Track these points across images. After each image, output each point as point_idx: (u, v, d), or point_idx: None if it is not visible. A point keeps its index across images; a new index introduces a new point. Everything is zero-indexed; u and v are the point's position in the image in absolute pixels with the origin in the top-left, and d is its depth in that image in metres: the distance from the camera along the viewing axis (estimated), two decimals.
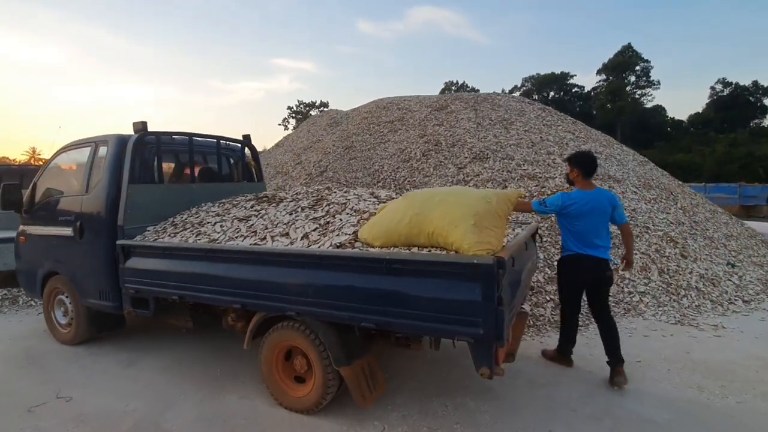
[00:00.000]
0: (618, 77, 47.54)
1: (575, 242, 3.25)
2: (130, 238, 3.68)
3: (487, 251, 2.13)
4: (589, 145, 8.15)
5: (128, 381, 3.49)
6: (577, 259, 3.27)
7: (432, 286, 2.22)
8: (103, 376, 3.62)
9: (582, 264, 3.27)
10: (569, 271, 3.39)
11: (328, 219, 3.06)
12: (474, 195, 2.29)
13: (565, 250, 3.38)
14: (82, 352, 4.11)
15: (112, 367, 3.78)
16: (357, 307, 2.45)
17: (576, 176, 3.28)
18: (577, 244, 3.24)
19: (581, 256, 3.23)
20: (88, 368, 3.76)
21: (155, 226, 3.86)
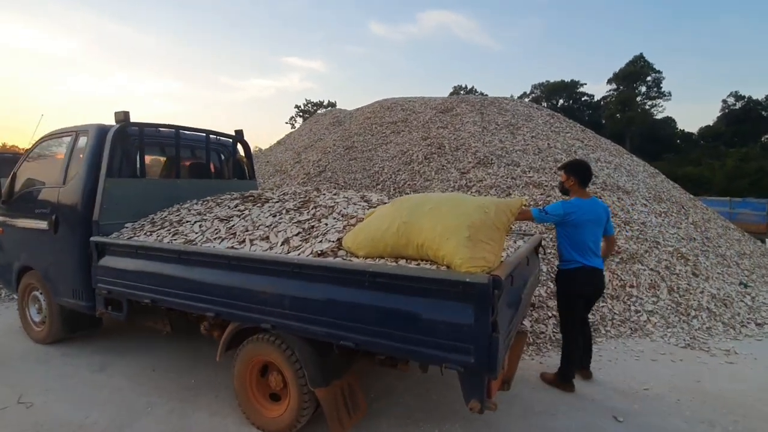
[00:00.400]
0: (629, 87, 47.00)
1: (576, 253, 3.12)
2: (106, 234, 3.45)
3: (481, 268, 1.87)
4: (598, 153, 7.87)
5: (95, 388, 3.26)
6: (580, 271, 3.14)
7: (419, 305, 1.97)
8: (71, 380, 3.39)
9: (585, 276, 3.15)
10: (573, 283, 3.21)
11: (313, 223, 2.82)
12: (470, 204, 2.03)
13: (567, 262, 3.20)
14: (54, 353, 3.88)
15: (81, 370, 3.56)
16: (336, 324, 2.20)
17: (572, 185, 3.16)
18: (579, 255, 3.12)
19: (585, 267, 3.12)
20: (57, 371, 3.54)
21: (134, 223, 3.63)
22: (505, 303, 2.04)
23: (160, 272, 2.94)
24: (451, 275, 1.88)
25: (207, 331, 2.93)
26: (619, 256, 5.54)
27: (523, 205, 2.15)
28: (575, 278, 3.17)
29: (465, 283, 1.84)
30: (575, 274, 3.16)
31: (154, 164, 4.40)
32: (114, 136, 3.56)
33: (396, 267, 2.05)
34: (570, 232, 3.11)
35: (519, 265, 2.38)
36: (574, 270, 3.16)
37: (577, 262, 3.13)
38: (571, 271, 3.18)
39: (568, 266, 3.19)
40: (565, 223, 3.07)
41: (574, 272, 3.17)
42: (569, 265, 3.18)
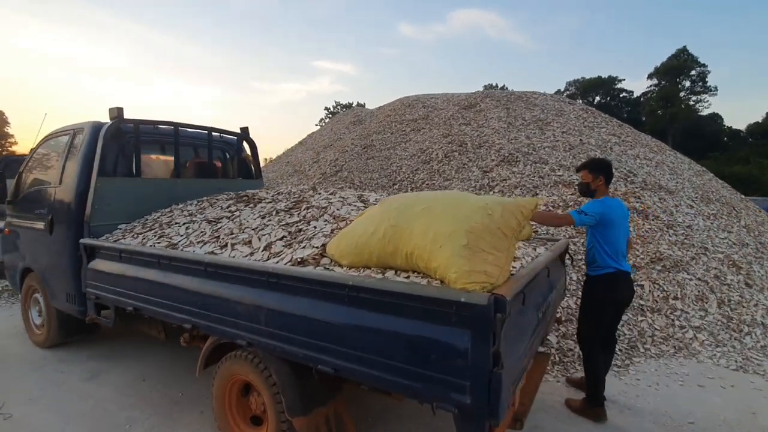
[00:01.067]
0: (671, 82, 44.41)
1: (610, 256, 2.84)
2: (98, 236, 3.29)
3: (481, 285, 1.50)
4: (637, 150, 7.20)
5: (81, 398, 3.10)
6: (616, 277, 2.85)
7: (406, 328, 1.62)
8: (59, 389, 3.24)
9: (621, 282, 2.88)
10: (609, 291, 2.87)
11: (301, 226, 2.51)
12: (470, 204, 1.65)
13: (601, 267, 2.86)
14: (51, 358, 3.78)
15: (72, 378, 3.41)
16: (314, 345, 1.88)
17: (600, 184, 2.90)
18: (613, 259, 2.84)
19: (620, 272, 2.85)
20: (48, 378, 3.41)
21: (128, 224, 3.46)
22: (514, 328, 1.66)
23: (142, 278, 2.72)
24: (443, 293, 1.52)
25: (187, 343, 2.68)
26: (661, 264, 4.95)
27: (538, 206, 1.75)
28: (611, 284, 2.86)
29: (459, 303, 1.47)
30: (611, 280, 2.85)
31: (154, 163, 4.24)
32: (106, 134, 3.40)
33: (378, 281, 1.70)
34: (605, 234, 2.82)
35: (535, 279, 1.98)
36: (610, 275, 2.84)
37: (611, 267, 2.83)
38: (607, 277, 2.85)
39: (603, 271, 2.86)
40: (601, 223, 2.79)
41: (610, 278, 2.85)
42: (604, 270, 2.85)
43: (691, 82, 45.20)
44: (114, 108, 3.48)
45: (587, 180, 2.90)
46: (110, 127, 3.42)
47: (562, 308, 4.27)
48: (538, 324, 2.12)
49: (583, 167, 2.98)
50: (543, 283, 2.25)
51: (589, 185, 2.91)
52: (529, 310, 1.90)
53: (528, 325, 1.89)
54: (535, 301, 2.04)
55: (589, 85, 50.59)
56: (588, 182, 2.90)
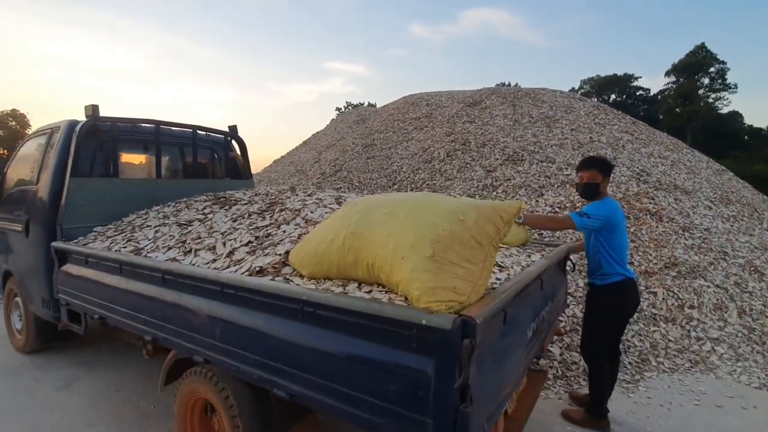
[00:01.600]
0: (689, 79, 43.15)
1: (617, 263, 2.61)
2: (70, 239, 3.14)
3: (448, 305, 1.26)
4: (652, 148, 6.84)
5: (50, 409, 2.95)
6: (624, 285, 2.63)
7: (365, 351, 1.39)
8: (30, 398, 3.10)
9: (630, 290, 2.66)
10: (617, 300, 2.64)
11: (271, 230, 2.30)
12: (439, 208, 1.41)
13: (609, 275, 2.61)
14: (29, 365, 3.65)
15: (45, 386, 3.26)
16: (269, 366, 1.67)
17: (606, 184, 2.66)
18: (620, 265, 2.62)
19: (627, 279, 2.63)
20: (21, 386, 3.28)
21: (104, 227, 3.30)
22: (492, 352, 1.41)
23: (106, 284, 2.56)
24: (401, 313, 1.29)
25: (150, 356, 2.49)
26: (676, 269, 4.62)
27: (523, 209, 1.50)
28: (619, 293, 2.62)
29: (420, 326, 1.24)
30: (619, 289, 2.61)
31: (135, 163, 4.09)
32: (80, 132, 3.25)
33: (331, 296, 1.47)
34: (611, 239, 2.59)
35: (523, 293, 1.73)
36: (618, 284, 2.60)
37: (619, 274, 2.61)
38: (615, 285, 2.60)
39: (611, 279, 2.61)
40: (607, 227, 2.53)
41: (618, 286, 2.60)
42: (612, 278, 2.60)
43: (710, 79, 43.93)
44: (89, 105, 3.33)
45: (596, 180, 2.59)
46: (84, 125, 3.27)
47: (567, 317, 3.98)
48: (529, 342, 1.86)
49: (590, 166, 2.66)
50: (535, 295, 2.00)
51: (597, 186, 2.60)
52: (514, 329, 1.65)
53: (513, 345, 1.64)
54: (524, 317, 1.79)
55: (604, 83, 49.58)
56: (597, 183, 2.59)
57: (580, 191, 2.72)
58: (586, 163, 2.69)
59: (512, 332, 1.61)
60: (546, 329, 2.24)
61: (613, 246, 2.58)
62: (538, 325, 1.98)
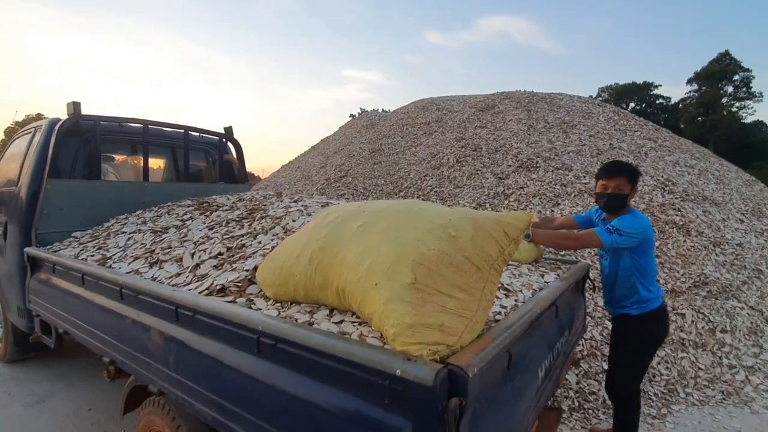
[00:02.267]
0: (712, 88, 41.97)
1: (654, 286, 2.25)
2: (46, 244, 2.93)
3: (432, 349, 0.96)
4: (677, 156, 6.41)
5: (15, 428, 2.71)
6: (664, 310, 2.29)
7: (331, 399, 1.10)
8: None
9: (666, 317, 2.32)
10: (658, 329, 2.29)
11: (246, 241, 2.03)
12: (425, 219, 1.12)
13: (649, 300, 2.21)
14: (5, 376, 3.45)
15: (16, 402, 3.04)
16: (223, 405, 1.38)
17: (633, 196, 2.24)
18: (657, 289, 2.26)
19: (665, 304, 2.30)
20: None
21: (84, 232, 3.09)
22: (492, 408, 1.10)
23: (70, 297, 2.33)
24: (370, 357, 0.99)
25: (111, 379, 2.23)
26: (706, 289, 4.20)
27: (530, 223, 1.19)
28: (663, 320, 2.29)
29: (394, 377, 0.94)
30: (662, 315, 2.27)
31: (120, 165, 3.89)
32: (60, 131, 3.05)
33: (290, 327, 1.18)
34: (646, 259, 2.19)
35: (534, 327, 1.41)
36: (659, 310, 2.24)
37: (658, 298, 2.25)
38: (658, 312, 2.24)
39: (651, 306, 2.21)
40: (641, 246, 2.13)
41: (660, 312, 2.25)
42: (652, 304, 2.21)
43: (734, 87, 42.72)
44: (71, 102, 3.13)
45: (625, 191, 2.15)
46: (64, 123, 3.07)
47: (584, 340, 3.61)
48: (541, 384, 1.54)
49: (617, 173, 2.19)
50: (549, 325, 1.67)
51: (625, 198, 2.16)
52: (521, 372, 1.33)
53: (520, 393, 1.32)
54: (535, 356, 1.47)
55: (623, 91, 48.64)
56: (626, 194, 2.16)
57: (604, 203, 2.23)
58: (612, 170, 2.22)
59: (519, 377, 1.29)
60: (562, 363, 1.91)
61: (648, 268, 2.19)
62: (553, 361, 1.65)
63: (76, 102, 3.13)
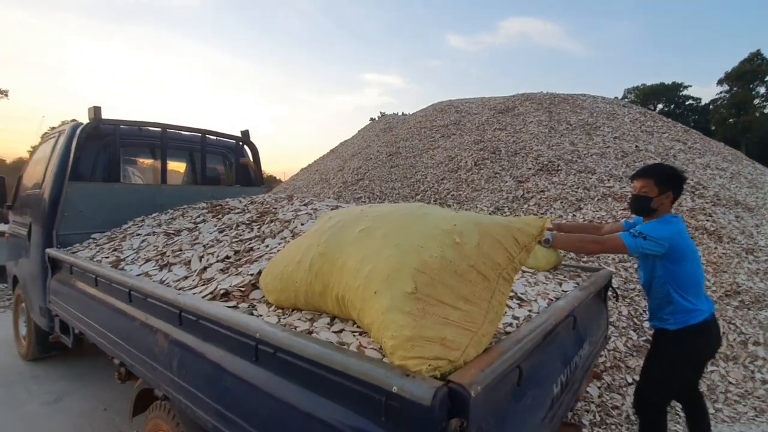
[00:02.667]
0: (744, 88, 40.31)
1: (696, 297, 2.04)
2: (66, 245, 3.00)
3: (432, 364, 0.90)
4: (707, 158, 6.13)
5: (31, 427, 2.77)
6: (710, 324, 2.08)
7: (329, 413, 1.04)
8: (15, 412, 2.95)
9: (715, 328, 2.12)
10: (701, 343, 2.07)
11: (254, 244, 2.01)
12: (429, 224, 1.05)
13: (689, 312, 2.03)
14: (26, 374, 3.54)
15: (35, 400, 3.12)
16: (222, 413, 1.35)
17: (667, 202, 2.06)
18: (700, 300, 2.06)
19: (712, 316, 2.09)
20: (11, 397, 3.15)
21: (105, 233, 3.15)
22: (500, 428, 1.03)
23: (85, 297, 2.36)
24: (366, 371, 0.93)
25: (122, 380, 2.24)
26: (738, 298, 3.98)
27: (546, 228, 1.11)
28: (705, 335, 2.05)
29: (390, 393, 0.88)
30: (705, 330, 2.04)
31: (139, 168, 3.96)
32: (81, 135, 3.12)
33: (286, 335, 1.14)
34: (683, 267, 2.02)
35: (547, 340, 1.33)
36: (702, 324, 2.02)
37: (702, 311, 2.03)
38: (700, 327, 2.02)
39: (693, 320, 2.02)
40: (671, 252, 1.97)
41: (703, 327, 2.03)
42: (693, 317, 2.02)
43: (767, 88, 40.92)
44: (92, 107, 3.21)
45: (650, 194, 2.04)
46: (85, 127, 3.15)
47: (608, 351, 3.46)
48: (557, 400, 1.45)
49: (642, 174, 2.11)
50: (566, 337, 1.58)
51: (650, 201, 2.04)
52: (534, 388, 1.25)
53: (532, 411, 1.24)
54: (549, 370, 1.38)
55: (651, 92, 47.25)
56: (651, 197, 2.04)
57: (628, 204, 2.23)
58: (638, 172, 2.14)
59: (531, 394, 1.21)
60: (581, 377, 1.81)
61: (684, 276, 2.01)
62: (570, 376, 1.56)
63: (97, 107, 3.20)
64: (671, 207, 2.11)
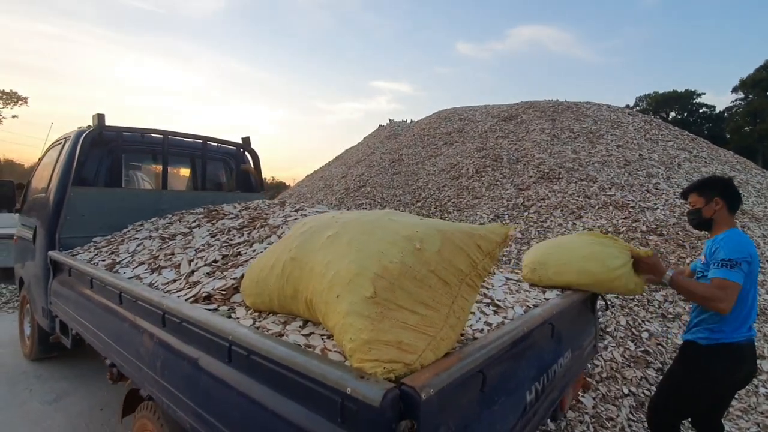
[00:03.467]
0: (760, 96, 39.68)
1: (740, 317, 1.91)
2: (68, 248, 3.08)
3: (387, 367, 0.92)
4: (714, 167, 6.05)
5: (30, 426, 2.83)
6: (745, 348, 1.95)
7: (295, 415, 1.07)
8: (15, 411, 3.02)
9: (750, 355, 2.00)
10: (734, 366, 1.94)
11: (242, 249, 2.05)
12: (390, 230, 1.08)
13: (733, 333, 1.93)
14: (30, 373, 3.62)
15: (34, 399, 3.19)
16: (201, 415, 1.38)
17: (719, 210, 1.98)
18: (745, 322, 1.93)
19: (750, 343, 1.97)
20: (13, 396, 3.22)
21: (106, 237, 3.23)
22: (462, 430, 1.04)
23: (81, 299, 2.43)
24: (324, 372, 0.95)
25: (114, 381, 2.29)
26: None
27: (511, 235, 1.13)
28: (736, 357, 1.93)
29: (345, 395, 0.90)
30: (737, 351, 1.92)
31: (141, 173, 4.05)
32: (84, 141, 3.22)
33: (255, 336, 1.17)
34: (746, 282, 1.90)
35: (519, 346, 1.34)
36: (736, 345, 1.91)
37: (740, 331, 1.92)
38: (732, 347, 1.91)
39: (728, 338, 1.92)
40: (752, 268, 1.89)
41: (735, 348, 1.92)
42: (728, 336, 1.92)
43: None
44: (96, 114, 3.30)
45: (697, 204, 2.04)
46: (89, 134, 3.24)
47: (604, 362, 3.42)
48: (529, 408, 1.45)
49: (688, 189, 2.12)
50: (542, 346, 1.58)
51: (700, 212, 2.02)
52: (502, 395, 1.25)
53: (500, 415, 1.25)
54: (521, 377, 1.39)
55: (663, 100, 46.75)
56: (699, 207, 2.03)
57: (688, 222, 2.27)
58: (685, 189, 2.14)
59: (499, 400, 1.22)
60: (562, 386, 1.80)
61: (747, 296, 1.89)
62: (546, 383, 1.56)
63: (101, 114, 3.29)
64: (730, 215, 2.02)
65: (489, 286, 1.83)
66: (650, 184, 5.34)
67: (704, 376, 1.97)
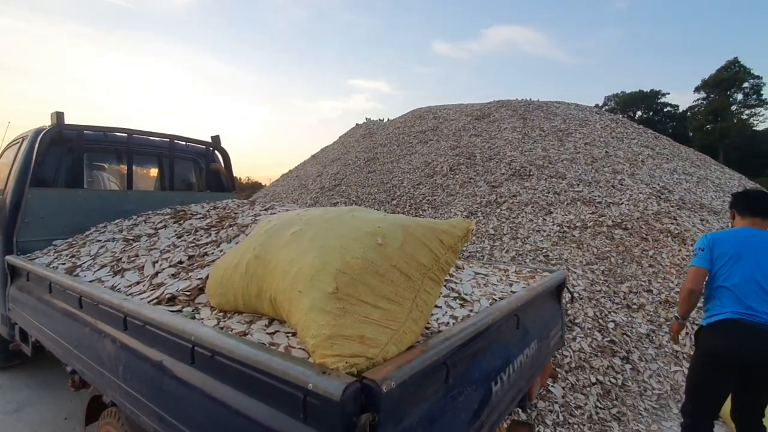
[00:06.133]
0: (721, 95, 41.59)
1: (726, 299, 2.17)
2: (26, 252, 2.94)
3: (349, 362, 0.92)
4: (675, 163, 6.32)
5: None
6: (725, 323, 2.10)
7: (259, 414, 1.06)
8: None
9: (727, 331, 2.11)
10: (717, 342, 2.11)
11: (209, 249, 2.01)
12: (353, 226, 1.08)
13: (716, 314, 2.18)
14: None
15: None
16: (165, 419, 1.35)
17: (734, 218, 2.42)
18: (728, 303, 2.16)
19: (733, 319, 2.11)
20: None
21: (66, 239, 3.10)
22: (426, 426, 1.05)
23: (39, 305, 2.33)
24: (286, 369, 0.95)
25: (76, 389, 2.22)
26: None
27: (472, 230, 1.15)
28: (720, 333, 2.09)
29: (309, 392, 0.90)
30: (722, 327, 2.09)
31: (104, 174, 3.91)
32: (42, 140, 3.08)
33: (218, 336, 1.16)
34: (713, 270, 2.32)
35: (483, 339, 1.36)
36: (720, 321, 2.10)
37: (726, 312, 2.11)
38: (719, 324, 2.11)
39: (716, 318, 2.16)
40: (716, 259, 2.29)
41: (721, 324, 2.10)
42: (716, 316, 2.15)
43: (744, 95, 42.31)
44: (55, 112, 3.17)
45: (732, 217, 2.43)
46: (47, 133, 3.11)
47: (573, 352, 3.53)
48: (496, 398, 1.48)
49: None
50: (508, 337, 1.62)
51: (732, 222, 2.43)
52: (467, 386, 1.28)
53: (466, 408, 1.27)
54: (486, 368, 1.41)
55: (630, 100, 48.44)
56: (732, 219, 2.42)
57: None
58: None
59: (463, 390, 1.24)
60: (529, 375, 1.85)
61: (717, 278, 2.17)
62: (513, 374, 1.60)
63: (60, 112, 3.16)
64: (741, 218, 2.30)
65: (457, 281, 1.86)
66: (616, 180, 5.53)
67: (695, 353, 2.23)
